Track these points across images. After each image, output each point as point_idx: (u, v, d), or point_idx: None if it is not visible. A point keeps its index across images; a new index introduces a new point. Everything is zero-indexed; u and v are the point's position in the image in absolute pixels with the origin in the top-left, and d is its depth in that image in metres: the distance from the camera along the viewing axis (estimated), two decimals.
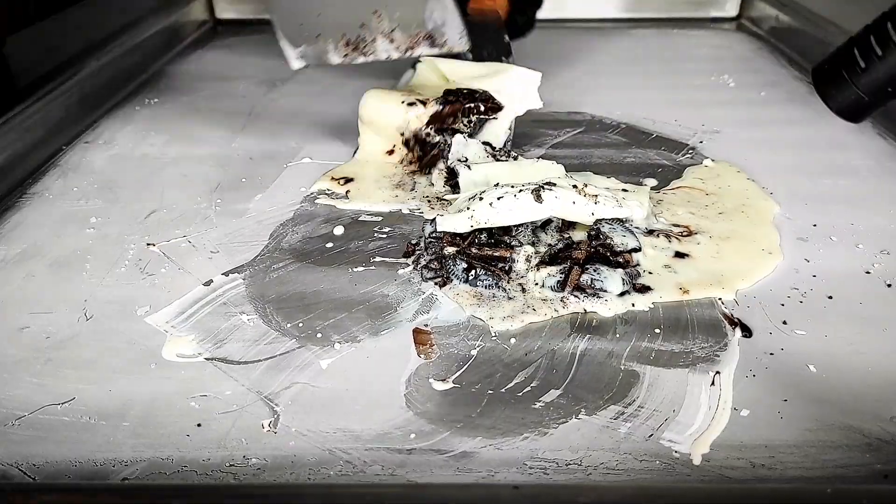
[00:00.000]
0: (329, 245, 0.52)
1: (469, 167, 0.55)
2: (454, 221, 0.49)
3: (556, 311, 0.45)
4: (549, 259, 0.48)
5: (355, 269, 0.49)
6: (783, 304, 0.45)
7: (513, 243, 0.49)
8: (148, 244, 0.52)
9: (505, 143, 0.62)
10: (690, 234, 0.51)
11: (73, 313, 0.45)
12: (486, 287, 0.46)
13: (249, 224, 0.55)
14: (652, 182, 0.60)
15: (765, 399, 0.38)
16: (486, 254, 0.48)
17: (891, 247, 0.51)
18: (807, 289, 0.47)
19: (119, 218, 0.56)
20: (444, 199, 0.57)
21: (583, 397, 0.39)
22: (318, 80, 0.83)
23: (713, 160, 0.63)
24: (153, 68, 0.89)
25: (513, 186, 0.50)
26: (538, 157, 0.61)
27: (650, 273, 0.47)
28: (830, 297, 0.46)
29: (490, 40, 0.69)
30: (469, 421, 0.37)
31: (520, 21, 0.75)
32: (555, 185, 0.50)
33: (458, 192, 0.55)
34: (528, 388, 0.39)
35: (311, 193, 0.59)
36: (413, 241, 0.51)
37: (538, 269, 0.47)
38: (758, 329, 0.43)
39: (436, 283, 0.47)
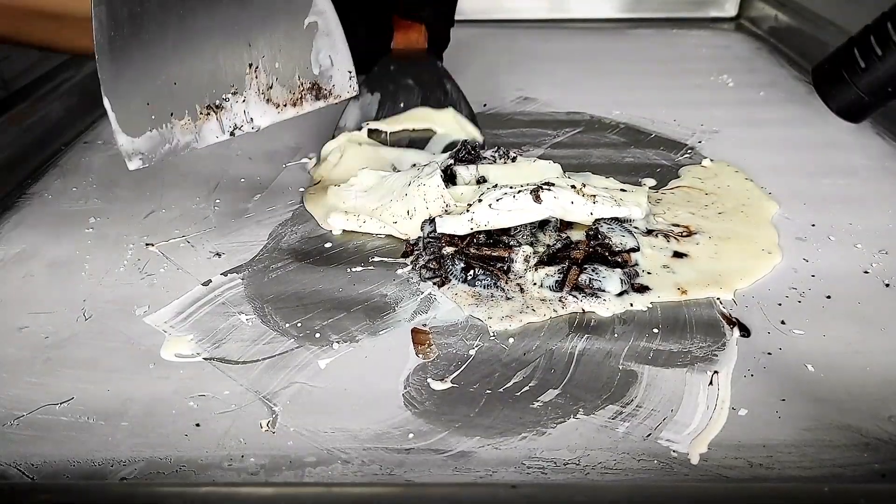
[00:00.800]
0: (328, 245, 0.52)
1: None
2: (454, 223, 0.49)
3: (554, 310, 0.45)
4: (548, 259, 0.48)
5: (354, 269, 0.49)
6: (781, 304, 0.45)
7: (511, 243, 0.49)
8: (147, 244, 0.52)
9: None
10: (690, 234, 0.51)
11: (72, 313, 0.45)
12: (484, 287, 0.46)
13: (248, 224, 0.55)
14: (651, 182, 0.60)
15: (763, 398, 0.38)
16: (484, 254, 0.48)
17: (889, 246, 0.51)
18: (805, 288, 0.47)
19: (118, 218, 0.56)
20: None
21: (581, 397, 0.39)
22: None
23: (712, 160, 0.63)
24: None
25: (511, 187, 0.50)
26: (536, 157, 0.61)
27: (648, 273, 0.47)
28: (829, 297, 0.46)
29: (433, 82, 0.68)
30: (467, 420, 0.37)
31: (439, 43, 0.72)
32: (553, 185, 0.50)
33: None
34: (527, 388, 0.39)
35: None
36: (412, 241, 0.51)
37: (536, 270, 0.47)
38: (756, 329, 0.43)
39: (434, 283, 0.47)
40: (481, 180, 0.54)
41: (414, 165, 0.57)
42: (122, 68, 0.44)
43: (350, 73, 0.49)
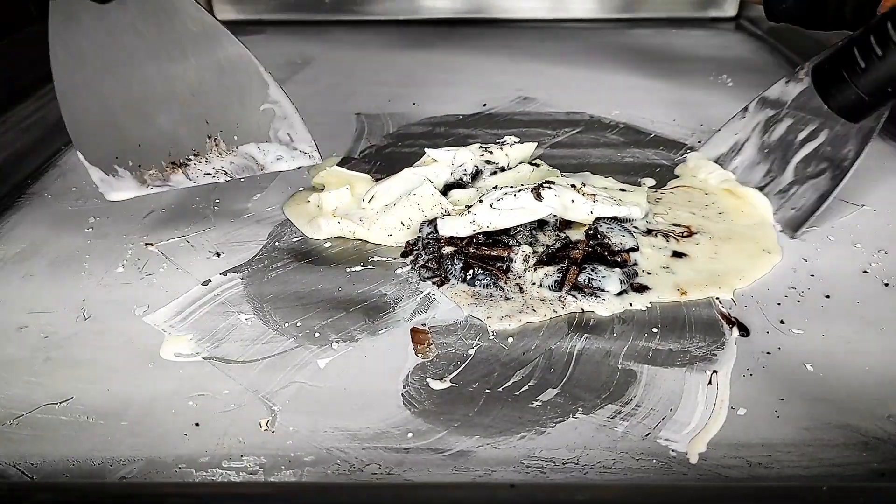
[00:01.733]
0: (327, 244, 0.52)
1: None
2: (456, 225, 0.49)
3: (553, 310, 0.45)
4: (547, 259, 0.48)
5: (353, 269, 0.49)
6: (780, 304, 0.45)
7: (510, 243, 0.49)
8: (146, 244, 0.52)
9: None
10: (691, 234, 0.51)
11: (72, 313, 0.46)
12: (483, 287, 0.46)
13: (248, 224, 0.55)
14: (650, 182, 0.60)
15: (762, 398, 0.38)
16: (483, 253, 0.48)
17: (888, 246, 0.51)
18: (804, 288, 0.47)
19: (117, 218, 0.56)
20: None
21: (580, 396, 0.39)
22: (318, 80, 0.83)
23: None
24: None
25: (511, 187, 0.50)
26: (537, 158, 0.61)
27: (648, 273, 0.47)
28: (828, 297, 0.46)
29: None
30: (466, 420, 0.37)
31: None
32: (554, 183, 0.50)
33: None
34: (526, 388, 0.39)
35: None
36: (411, 241, 0.51)
37: (536, 269, 0.47)
38: (755, 328, 0.43)
39: (433, 283, 0.47)
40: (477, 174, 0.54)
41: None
42: (87, 130, 0.48)
43: (310, 146, 0.50)
